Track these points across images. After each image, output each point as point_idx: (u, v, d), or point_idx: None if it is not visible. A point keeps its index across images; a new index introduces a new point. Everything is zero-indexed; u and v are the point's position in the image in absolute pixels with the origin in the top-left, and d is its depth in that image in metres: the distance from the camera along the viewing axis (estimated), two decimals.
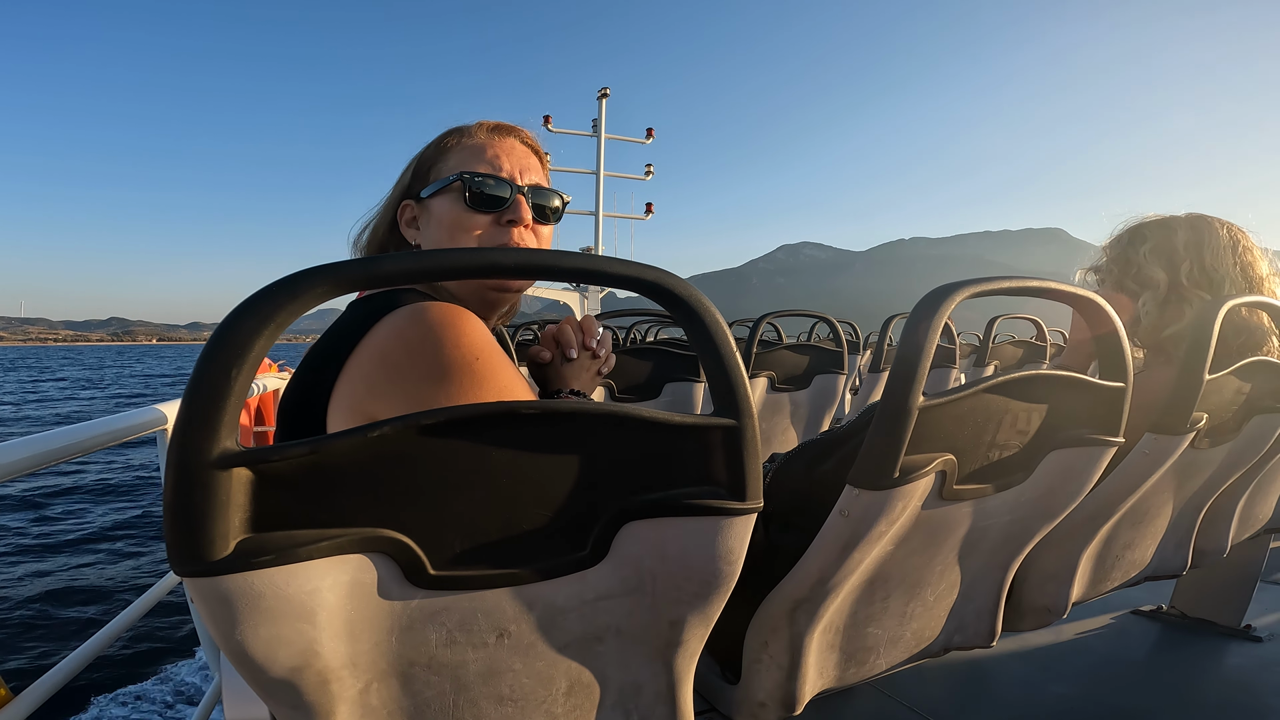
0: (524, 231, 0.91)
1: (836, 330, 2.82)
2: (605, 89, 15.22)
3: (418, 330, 0.68)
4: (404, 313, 0.70)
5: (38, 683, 0.98)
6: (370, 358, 0.69)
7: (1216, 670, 1.77)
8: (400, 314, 0.70)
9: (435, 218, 0.91)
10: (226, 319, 0.42)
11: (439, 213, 0.90)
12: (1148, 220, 1.42)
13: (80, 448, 1.05)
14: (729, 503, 0.58)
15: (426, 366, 0.67)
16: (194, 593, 0.45)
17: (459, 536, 0.52)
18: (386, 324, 0.70)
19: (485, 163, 0.91)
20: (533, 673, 0.61)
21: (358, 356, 0.69)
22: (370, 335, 0.70)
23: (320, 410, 0.71)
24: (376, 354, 0.68)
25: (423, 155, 0.94)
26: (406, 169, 0.95)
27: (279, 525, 0.46)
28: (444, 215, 0.90)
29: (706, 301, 0.55)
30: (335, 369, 0.70)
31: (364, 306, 0.74)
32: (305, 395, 0.72)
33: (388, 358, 0.68)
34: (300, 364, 0.77)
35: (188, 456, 0.41)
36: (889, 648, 0.99)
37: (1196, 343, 1.07)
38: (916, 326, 0.73)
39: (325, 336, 0.75)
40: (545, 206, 0.94)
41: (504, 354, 0.72)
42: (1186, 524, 1.41)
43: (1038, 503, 0.94)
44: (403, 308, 0.71)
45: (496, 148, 0.92)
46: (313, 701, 0.53)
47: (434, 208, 0.91)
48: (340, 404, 0.70)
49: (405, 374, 0.67)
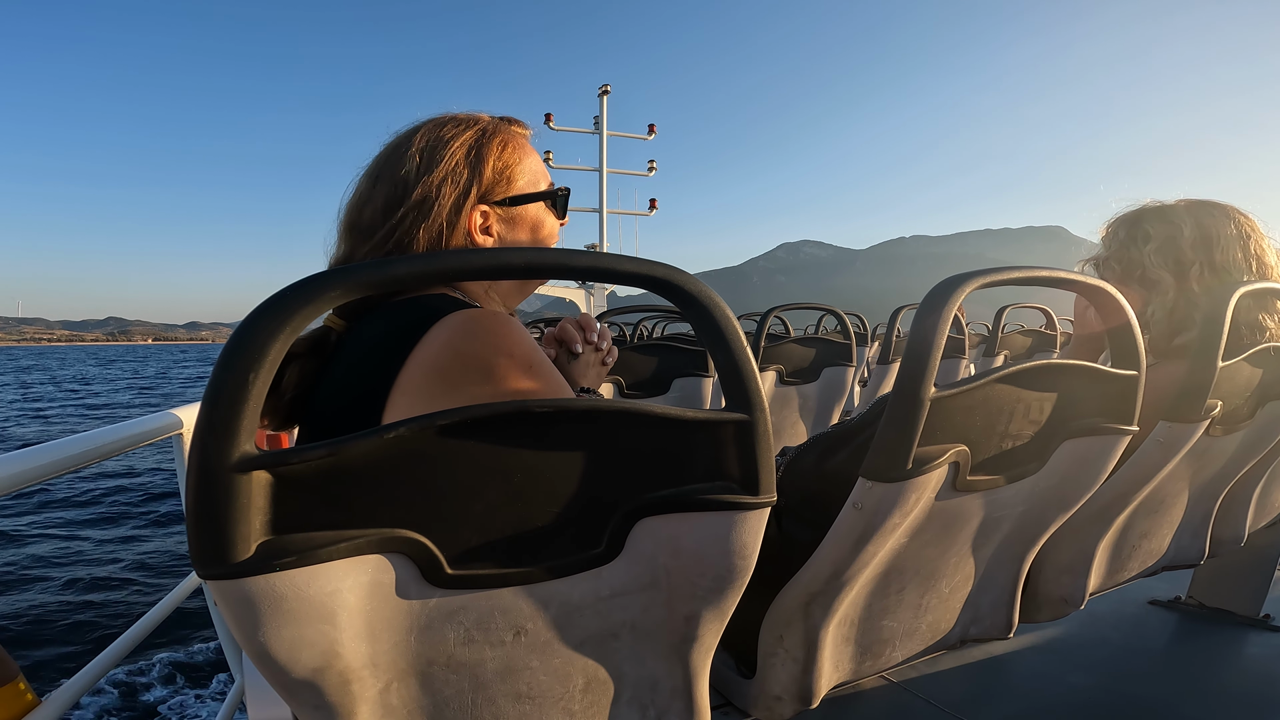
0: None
1: (844, 323, 2.81)
2: (606, 86, 15.21)
3: (471, 343, 0.69)
4: (455, 322, 0.70)
5: (63, 688, 0.99)
6: (426, 371, 0.69)
7: (1236, 660, 1.76)
8: (451, 324, 0.70)
9: (530, 224, 0.95)
10: (243, 323, 0.42)
11: (535, 219, 0.95)
12: (1147, 210, 1.35)
13: (99, 453, 1.07)
14: (742, 497, 0.58)
15: (484, 376, 0.68)
16: (217, 595, 0.45)
17: (475, 535, 0.53)
18: (437, 336, 0.69)
19: (541, 165, 0.97)
20: (550, 670, 0.62)
21: (410, 370, 0.69)
22: (422, 346, 0.69)
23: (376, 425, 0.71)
24: (431, 367, 0.68)
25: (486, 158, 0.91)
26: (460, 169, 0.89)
27: (299, 527, 0.46)
28: (539, 221, 0.96)
29: (716, 297, 0.55)
30: (388, 383, 0.70)
31: (402, 316, 0.74)
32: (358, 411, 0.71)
33: (443, 370, 0.68)
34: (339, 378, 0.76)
35: (208, 460, 0.42)
36: (904, 640, 0.99)
37: (1209, 329, 1.06)
38: (927, 317, 0.73)
39: (365, 350, 0.75)
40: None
41: (548, 359, 0.73)
42: (1203, 512, 1.40)
43: (1052, 493, 0.94)
44: (452, 316, 0.71)
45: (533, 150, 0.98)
46: (334, 702, 0.53)
47: (527, 214, 0.95)
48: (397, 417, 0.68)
49: (462, 386, 0.67)
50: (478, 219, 0.91)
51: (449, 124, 0.92)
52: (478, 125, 0.93)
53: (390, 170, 0.89)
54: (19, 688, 0.92)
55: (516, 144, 0.95)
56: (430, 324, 0.70)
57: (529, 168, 0.95)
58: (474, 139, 0.92)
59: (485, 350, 0.68)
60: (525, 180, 0.94)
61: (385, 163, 0.90)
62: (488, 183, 0.91)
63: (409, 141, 0.90)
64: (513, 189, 0.93)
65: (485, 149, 0.92)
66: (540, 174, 0.97)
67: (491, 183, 0.91)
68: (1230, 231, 1.27)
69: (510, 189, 0.93)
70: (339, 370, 0.78)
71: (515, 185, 0.93)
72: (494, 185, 0.92)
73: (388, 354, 0.71)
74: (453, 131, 0.91)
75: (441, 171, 0.88)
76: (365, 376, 0.72)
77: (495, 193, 0.92)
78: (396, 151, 0.90)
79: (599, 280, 0.53)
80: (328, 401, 0.76)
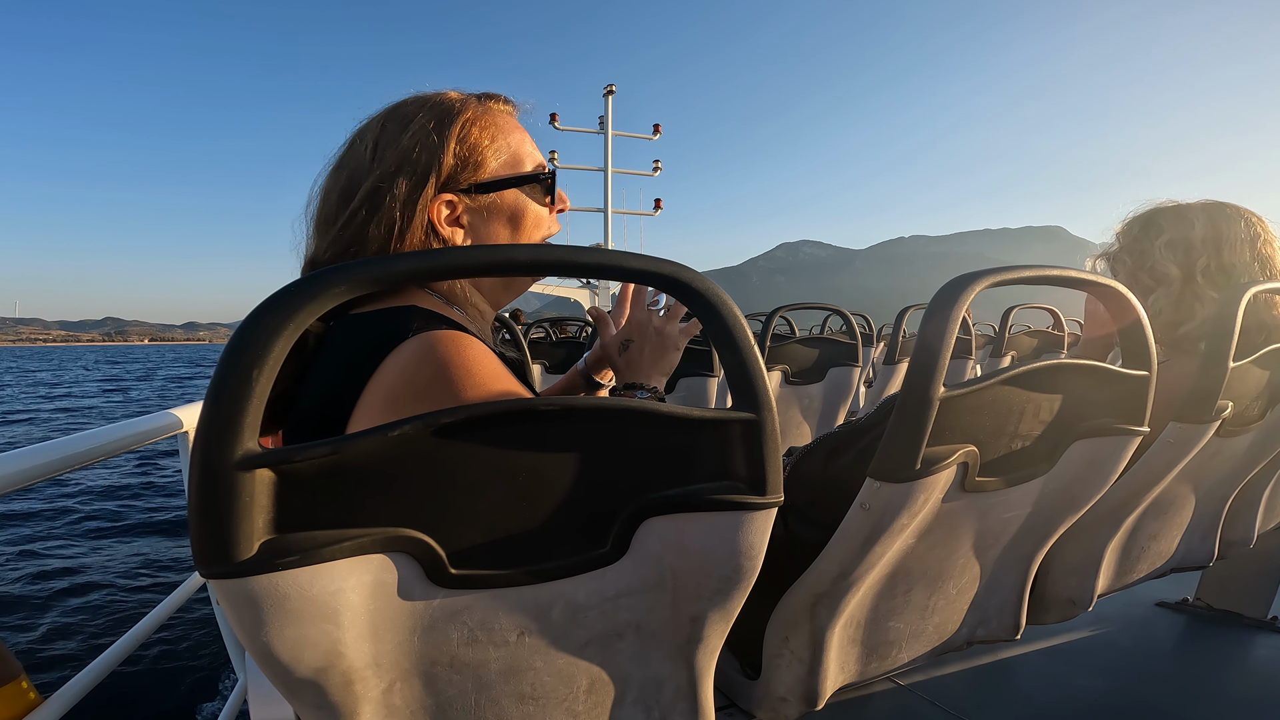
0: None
1: (850, 323, 2.80)
2: (611, 86, 15.22)
3: (426, 371, 0.65)
4: (408, 352, 0.66)
5: (66, 687, 0.99)
6: (381, 404, 0.66)
7: (1243, 663, 1.74)
8: (404, 354, 0.66)
9: (509, 213, 0.85)
10: (246, 320, 0.42)
11: (512, 206, 0.85)
12: (1162, 208, 1.38)
13: (102, 452, 1.07)
14: (749, 497, 0.58)
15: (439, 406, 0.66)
16: (220, 594, 0.45)
17: (479, 535, 0.52)
18: (391, 367, 0.66)
19: (528, 145, 0.87)
20: (554, 670, 0.61)
21: (367, 403, 0.66)
22: (377, 378, 0.66)
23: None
24: (387, 399, 0.65)
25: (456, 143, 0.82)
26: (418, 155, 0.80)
27: (302, 526, 0.46)
28: (519, 209, 0.85)
29: (725, 295, 0.55)
30: (346, 413, 0.67)
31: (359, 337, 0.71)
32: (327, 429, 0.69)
33: (397, 400, 0.65)
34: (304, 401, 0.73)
35: (211, 458, 0.41)
36: (911, 642, 0.99)
37: (1220, 330, 1.05)
38: (937, 316, 0.72)
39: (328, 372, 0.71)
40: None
41: (513, 378, 0.69)
42: (1212, 514, 1.39)
43: (1061, 494, 0.93)
44: (405, 344, 0.67)
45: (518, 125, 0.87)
46: (337, 702, 0.53)
47: (503, 202, 0.85)
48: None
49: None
50: (443, 210, 0.81)
51: (410, 104, 0.83)
52: (442, 105, 0.83)
53: (346, 157, 0.82)
54: (22, 686, 0.92)
55: (489, 122, 0.84)
56: (389, 349, 0.67)
57: (504, 147, 0.84)
58: (435, 120, 0.81)
59: (441, 380, 0.64)
60: (500, 163, 0.84)
61: (344, 149, 0.83)
62: (449, 169, 0.81)
63: (368, 125, 0.83)
64: (482, 173, 0.83)
65: (447, 130, 0.81)
66: (522, 155, 0.86)
67: (455, 168, 0.81)
68: (1241, 232, 1.29)
69: (479, 174, 0.83)
70: (315, 377, 0.73)
71: (486, 169, 0.83)
72: (459, 170, 0.82)
73: (351, 373, 0.68)
74: (412, 112, 0.82)
75: (394, 160, 0.79)
76: (333, 389, 0.69)
77: (461, 179, 0.82)
78: (356, 136, 0.83)
79: (606, 278, 0.53)
80: (307, 407, 0.73)
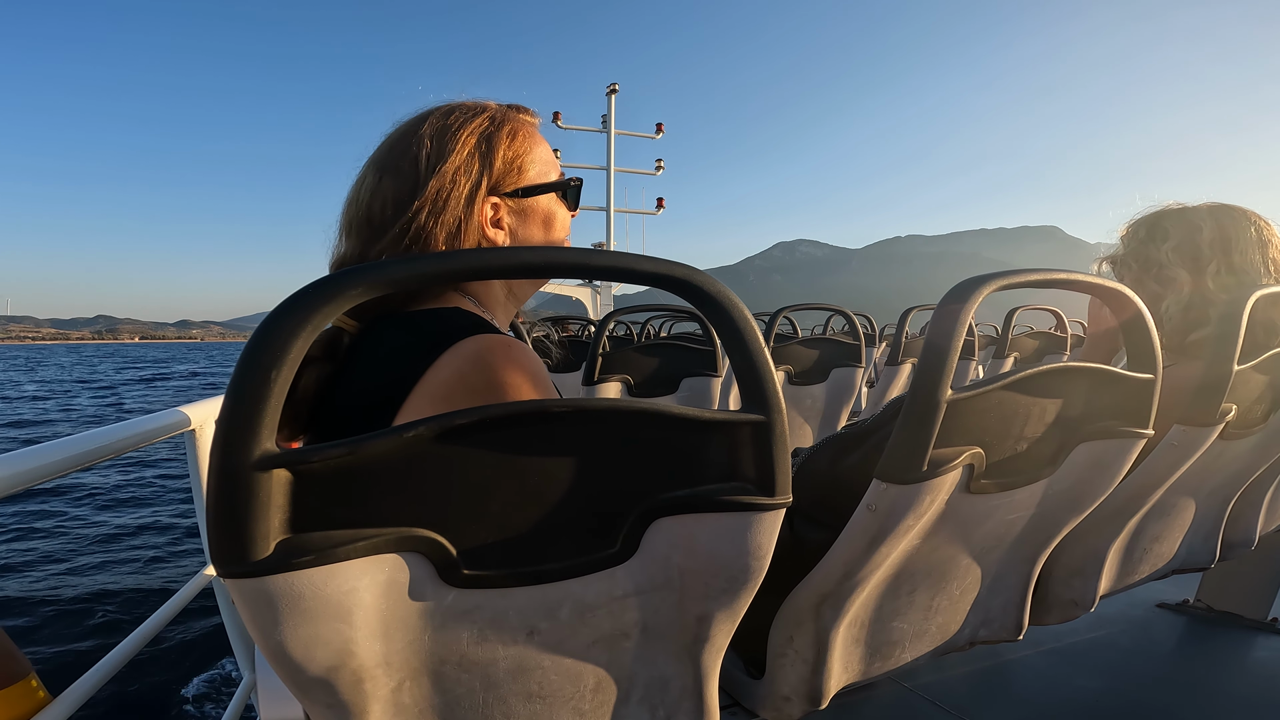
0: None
1: (853, 323, 2.80)
2: (614, 84, 15.22)
3: (483, 376, 0.67)
4: (465, 352, 0.68)
5: (75, 685, 1.00)
6: (434, 399, 0.67)
7: (1243, 664, 1.75)
8: (461, 354, 0.68)
9: (542, 216, 0.91)
10: (265, 321, 0.42)
11: (546, 210, 0.92)
12: (1168, 210, 1.36)
13: (108, 450, 1.07)
14: (758, 498, 0.58)
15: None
16: (235, 593, 0.45)
17: (491, 535, 0.53)
18: (447, 365, 0.68)
19: (550, 154, 0.93)
20: (561, 669, 0.62)
21: (418, 398, 0.67)
22: (430, 375, 0.68)
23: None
24: (440, 396, 0.67)
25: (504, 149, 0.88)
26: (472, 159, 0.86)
27: (317, 526, 0.46)
28: (551, 213, 0.92)
29: (735, 297, 0.55)
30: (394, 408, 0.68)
31: (409, 335, 0.72)
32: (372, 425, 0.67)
33: (452, 401, 0.66)
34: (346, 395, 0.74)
35: (230, 458, 0.42)
36: (914, 642, 0.99)
37: (1224, 333, 1.05)
38: (945, 318, 0.73)
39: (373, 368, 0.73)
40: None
41: (553, 384, 0.72)
42: (1214, 516, 1.39)
43: (1065, 496, 0.93)
44: (462, 344, 0.69)
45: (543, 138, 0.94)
46: (347, 700, 0.53)
47: (540, 206, 0.91)
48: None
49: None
50: (489, 211, 0.87)
51: (456, 112, 0.89)
52: (486, 113, 0.89)
53: (397, 161, 0.85)
54: (31, 685, 0.92)
55: (526, 132, 0.91)
56: (445, 346, 0.69)
57: (539, 157, 0.91)
58: (484, 127, 0.88)
59: (496, 384, 0.67)
60: (536, 170, 0.91)
61: (390, 153, 0.86)
62: (498, 173, 0.87)
63: (416, 131, 0.86)
64: (524, 179, 0.89)
65: (496, 138, 0.88)
66: (551, 164, 0.94)
67: (502, 173, 0.88)
68: (1250, 234, 1.28)
69: (521, 179, 0.89)
70: (358, 375, 0.75)
71: (526, 176, 0.89)
72: (505, 176, 0.88)
73: (404, 371, 0.69)
74: (461, 119, 0.87)
75: (454, 162, 0.84)
76: (382, 388, 0.70)
77: (506, 184, 0.88)
78: (403, 141, 0.86)
79: (618, 280, 0.53)
80: (347, 406, 0.73)
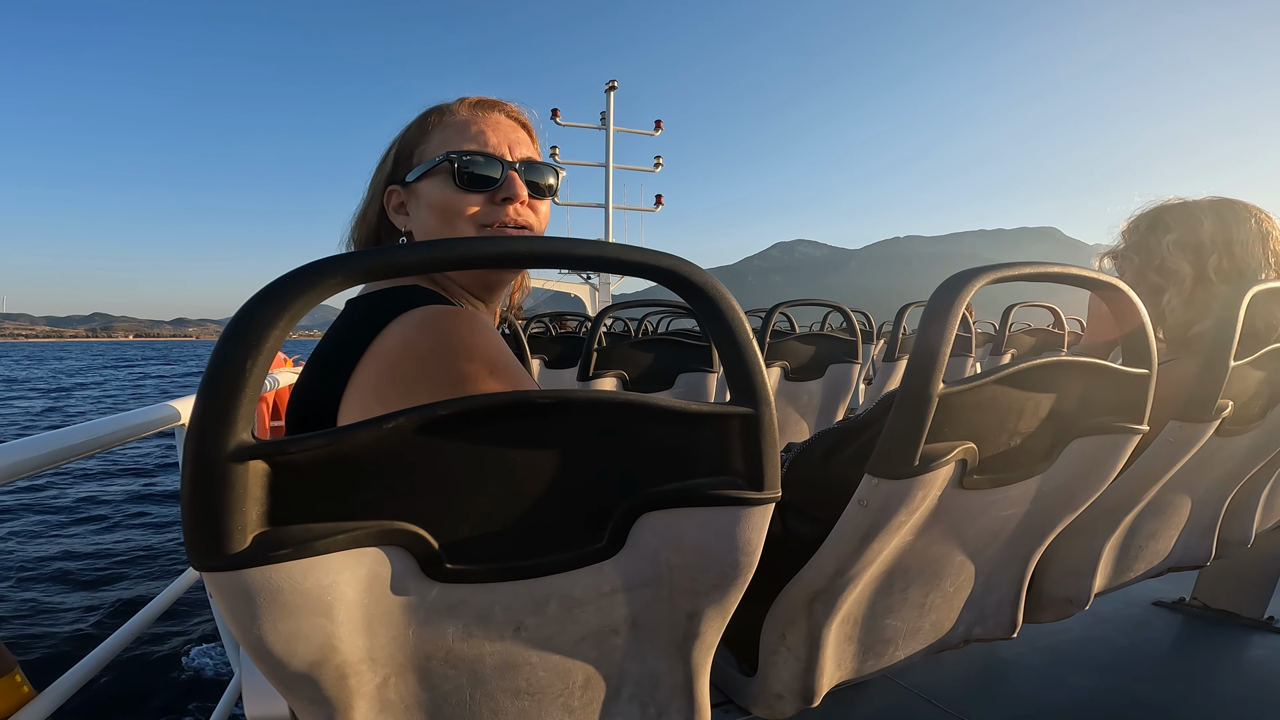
0: (520, 208, 0.88)
1: (850, 320, 2.79)
2: (613, 82, 15.19)
3: (428, 340, 0.65)
4: (412, 320, 0.66)
5: (60, 680, 0.99)
6: (379, 369, 0.65)
7: (1238, 663, 1.75)
8: (408, 321, 0.66)
9: (425, 201, 0.87)
10: (241, 311, 0.41)
11: (429, 196, 0.86)
12: (1169, 204, 1.36)
13: (98, 443, 1.06)
14: (747, 492, 0.57)
15: (439, 379, 0.63)
16: (213, 587, 0.44)
17: (475, 529, 0.52)
18: (394, 332, 0.66)
19: (471, 139, 0.87)
20: (549, 666, 0.61)
21: (365, 367, 0.66)
22: (377, 343, 0.66)
23: (330, 421, 0.68)
24: (386, 365, 0.65)
25: (404, 137, 0.90)
26: (387, 153, 0.90)
27: (296, 518, 0.45)
28: (434, 198, 0.86)
29: (723, 289, 0.54)
30: (343, 379, 0.66)
31: (363, 307, 0.71)
32: (313, 406, 0.69)
33: (397, 369, 0.64)
34: (304, 370, 0.73)
35: (205, 450, 0.41)
36: (908, 639, 0.99)
37: (1221, 329, 1.04)
38: (937, 311, 0.72)
39: (327, 343, 0.72)
40: (539, 182, 0.90)
41: (518, 361, 0.69)
42: (1210, 514, 1.38)
43: (1060, 492, 0.93)
44: (410, 313, 0.67)
45: (481, 123, 0.88)
46: (331, 696, 0.53)
47: (422, 191, 0.87)
48: (350, 416, 0.66)
49: (416, 388, 0.63)
50: (393, 199, 0.89)
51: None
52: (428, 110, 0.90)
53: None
54: (16, 680, 0.92)
55: (439, 121, 0.88)
56: (389, 318, 0.67)
57: (442, 140, 0.87)
58: (414, 124, 0.89)
59: (442, 349, 0.64)
60: (431, 152, 0.87)
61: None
62: (396, 161, 0.89)
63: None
64: (414, 165, 0.88)
65: (409, 130, 0.89)
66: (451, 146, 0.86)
67: (399, 161, 0.89)
68: (1251, 228, 1.27)
69: (411, 165, 0.88)
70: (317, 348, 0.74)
71: (421, 159, 0.87)
72: (399, 164, 0.89)
73: (345, 349, 0.68)
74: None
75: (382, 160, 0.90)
76: (324, 377, 0.69)
77: (400, 171, 0.88)
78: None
79: (604, 270, 0.52)
80: (296, 405, 0.73)
